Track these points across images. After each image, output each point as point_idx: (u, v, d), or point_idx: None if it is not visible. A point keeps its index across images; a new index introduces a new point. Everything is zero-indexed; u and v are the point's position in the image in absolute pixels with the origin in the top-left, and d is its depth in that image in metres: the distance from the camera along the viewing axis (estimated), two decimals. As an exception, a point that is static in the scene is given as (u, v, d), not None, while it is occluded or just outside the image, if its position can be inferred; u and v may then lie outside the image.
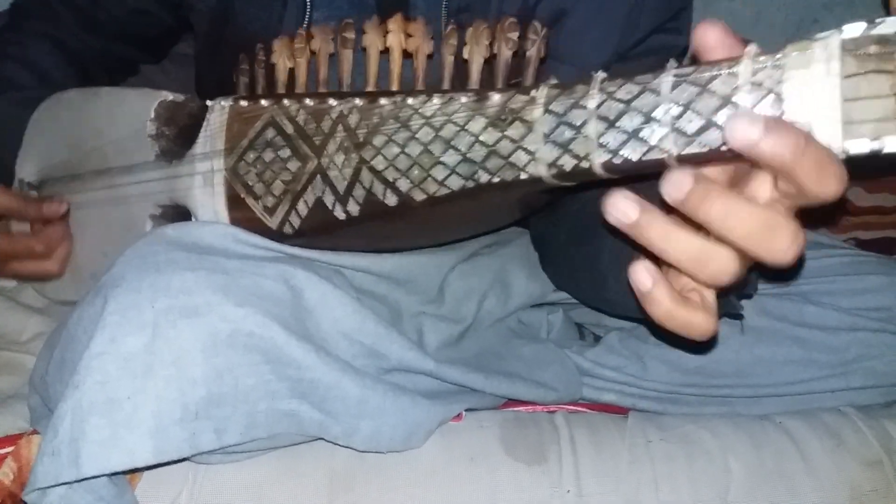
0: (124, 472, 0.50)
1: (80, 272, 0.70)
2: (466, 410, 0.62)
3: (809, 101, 0.35)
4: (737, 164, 0.39)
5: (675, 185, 0.37)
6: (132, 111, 0.64)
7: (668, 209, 0.38)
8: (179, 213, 0.60)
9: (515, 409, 0.66)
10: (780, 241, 0.35)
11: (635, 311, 0.45)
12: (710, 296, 0.41)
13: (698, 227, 0.37)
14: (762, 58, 0.36)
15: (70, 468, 0.46)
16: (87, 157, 0.68)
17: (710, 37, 0.38)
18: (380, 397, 0.54)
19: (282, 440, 0.55)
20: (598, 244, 0.59)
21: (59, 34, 0.80)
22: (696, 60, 0.39)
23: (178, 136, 0.61)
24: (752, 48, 0.36)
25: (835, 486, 0.58)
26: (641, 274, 0.39)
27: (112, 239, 0.66)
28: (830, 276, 0.69)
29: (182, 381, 0.47)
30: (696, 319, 0.39)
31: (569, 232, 0.66)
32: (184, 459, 0.50)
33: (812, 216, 0.43)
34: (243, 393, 0.49)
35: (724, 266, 0.38)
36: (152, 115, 0.62)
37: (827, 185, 0.34)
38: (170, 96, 0.63)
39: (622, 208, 0.38)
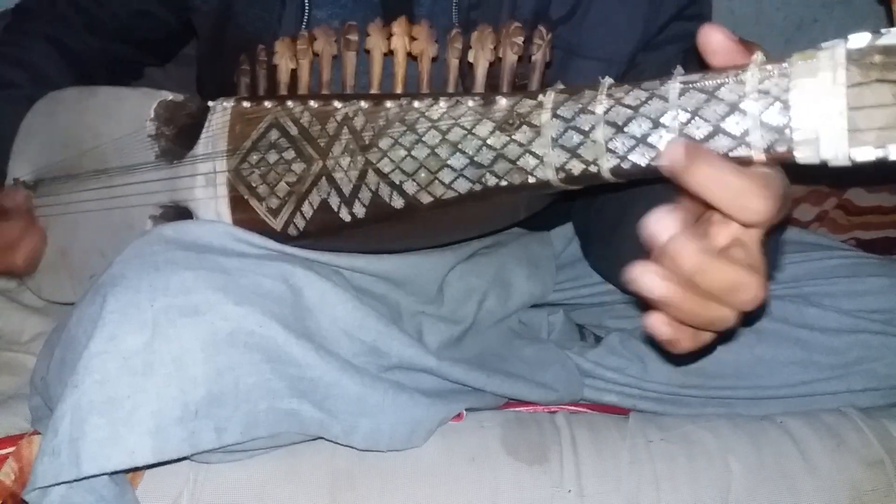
0: (124, 472, 0.50)
1: (77, 273, 0.70)
2: (467, 410, 0.62)
3: (816, 109, 0.35)
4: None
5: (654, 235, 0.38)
6: (131, 110, 0.64)
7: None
8: (180, 213, 0.60)
9: (516, 409, 0.66)
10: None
11: None
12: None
13: None
14: (769, 66, 0.37)
15: (70, 467, 0.46)
16: (84, 156, 0.68)
17: (713, 41, 0.38)
18: (379, 395, 0.54)
19: (282, 439, 0.55)
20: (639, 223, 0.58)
21: (62, 36, 0.80)
22: (703, 65, 0.39)
23: (179, 136, 0.61)
24: (758, 56, 0.37)
25: (835, 486, 0.58)
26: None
27: (110, 239, 0.66)
28: (831, 277, 0.69)
29: (182, 380, 0.47)
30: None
31: (611, 218, 0.66)
32: (184, 459, 0.50)
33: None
34: (244, 392, 0.49)
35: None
36: (152, 114, 0.62)
37: (747, 208, 0.36)
38: (169, 96, 0.62)
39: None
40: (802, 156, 0.37)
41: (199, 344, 0.48)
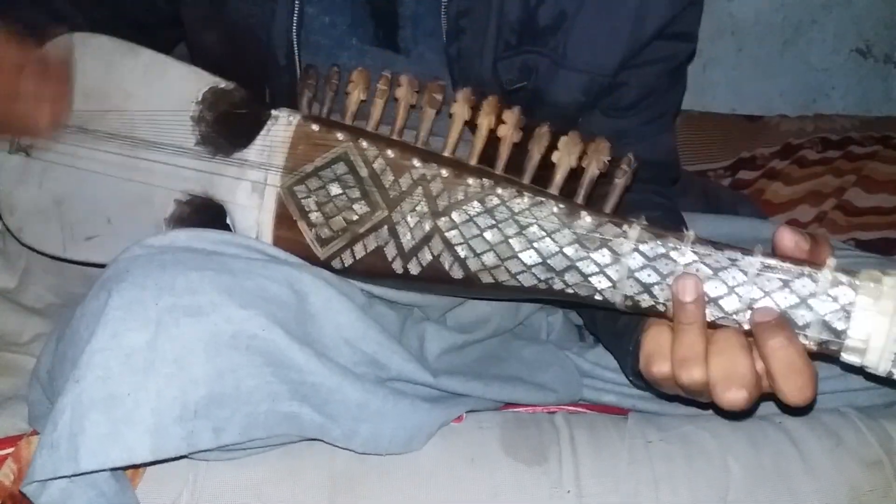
0: (123, 469, 0.50)
1: (72, 228, 0.68)
2: (467, 412, 0.62)
3: (872, 327, 0.43)
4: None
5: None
6: (176, 86, 0.63)
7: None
8: (208, 206, 0.60)
9: (516, 409, 0.66)
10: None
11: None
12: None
13: None
14: (840, 275, 0.43)
15: (68, 462, 0.46)
16: (105, 115, 0.66)
17: (786, 241, 0.45)
18: (380, 401, 0.54)
19: (280, 440, 0.55)
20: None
21: (66, 7, 0.77)
22: (775, 251, 0.46)
23: (223, 127, 0.60)
24: (832, 261, 0.44)
25: (834, 487, 0.58)
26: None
27: (122, 209, 0.64)
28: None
29: (183, 380, 0.47)
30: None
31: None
32: (182, 457, 0.50)
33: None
34: (244, 394, 0.49)
35: None
36: (199, 97, 0.61)
37: (797, 392, 0.44)
38: (222, 83, 0.61)
39: None
40: (847, 358, 0.44)
41: (201, 344, 0.48)
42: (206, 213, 0.60)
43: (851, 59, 1.54)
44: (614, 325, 0.58)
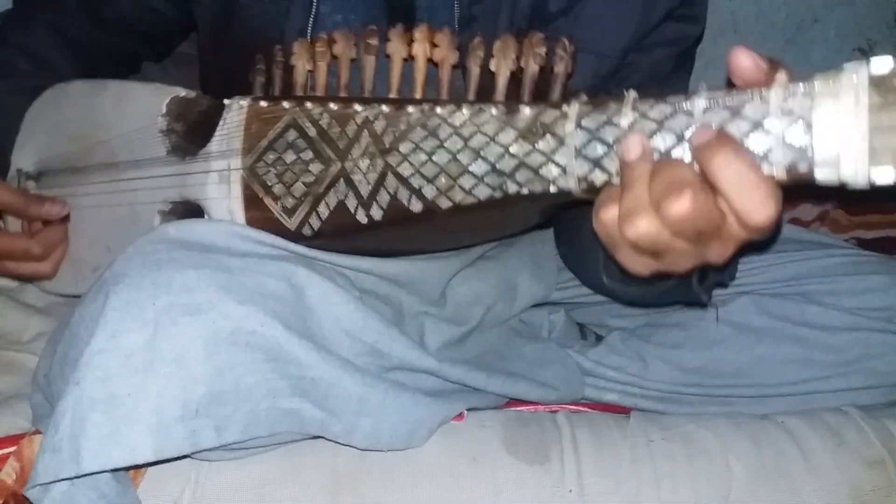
0: (125, 469, 0.50)
1: (81, 266, 0.70)
2: (468, 410, 0.62)
3: (838, 130, 0.36)
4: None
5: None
6: (142, 106, 0.64)
7: None
8: (190, 209, 0.60)
9: (517, 408, 0.66)
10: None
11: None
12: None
13: None
14: (792, 86, 0.38)
15: (70, 464, 0.46)
16: (91, 150, 0.68)
17: (741, 63, 0.40)
18: (381, 395, 0.54)
19: (282, 438, 0.55)
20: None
21: (65, 24, 0.79)
22: (729, 84, 0.41)
23: (191, 132, 0.61)
24: (782, 75, 0.39)
25: (836, 486, 0.58)
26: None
27: (116, 234, 0.66)
28: (832, 275, 0.69)
29: (183, 379, 0.47)
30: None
31: (575, 215, 0.66)
32: (184, 457, 0.50)
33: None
34: (245, 391, 0.49)
35: None
36: (164, 110, 0.62)
37: (756, 209, 0.38)
38: (182, 92, 0.62)
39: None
40: (822, 176, 0.38)
41: (200, 343, 0.48)
42: (188, 216, 0.60)
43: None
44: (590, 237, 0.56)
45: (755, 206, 0.38)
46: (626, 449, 0.60)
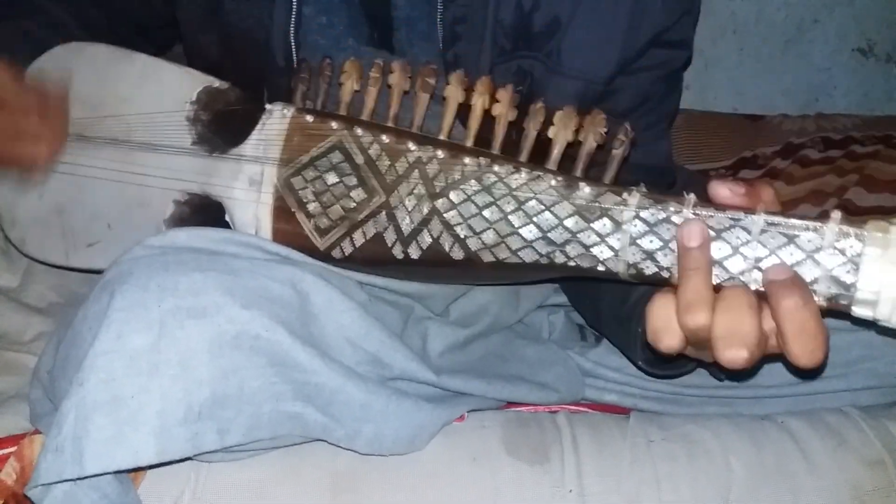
0: (127, 471, 0.50)
1: (75, 238, 0.68)
2: (468, 411, 0.62)
3: (881, 277, 0.41)
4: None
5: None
6: (170, 88, 0.63)
7: None
8: (207, 205, 0.60)
9: (517, 409, 0.66)
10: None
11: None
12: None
13: None
14: (846, 228, 0.42)
15: (73, 465, 0.46)
16: (103, 121, 0.66)
17: (720, 193, 0.44)
18: (383, 401, 0.54)
19: (284, 440, 0.55)
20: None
21: (65, 9, 0.77)
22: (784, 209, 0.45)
23: (221, 127, 0.60)
24: (836, 214, 0.43)
25: (837, 486, 0.58)
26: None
27: (122, 212, 0.64)
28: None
29: (187, 381, 0.47)
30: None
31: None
32: (186, 458, 0.50)
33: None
34: (248, 394, 0.49)
35: None
36: (194, 97, 0.61)
37: (806, 355, 0.43)
38: (216, 83, 0.61)
39: None
40: (859, 312, 0.43)
41: (205, 346, 0.48)
42: (205, 211, 0.60)
43: (853, 58, 1.54)
44: (621, 309, 0.57)
45: (806, 353, 0.42)
46: (626, 449, 0.60)
